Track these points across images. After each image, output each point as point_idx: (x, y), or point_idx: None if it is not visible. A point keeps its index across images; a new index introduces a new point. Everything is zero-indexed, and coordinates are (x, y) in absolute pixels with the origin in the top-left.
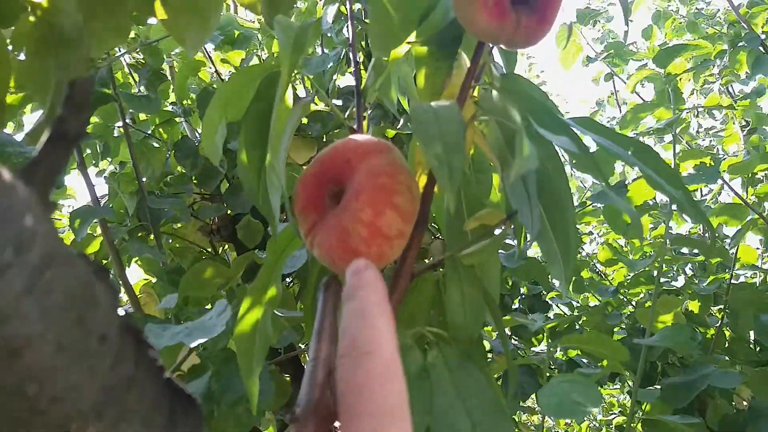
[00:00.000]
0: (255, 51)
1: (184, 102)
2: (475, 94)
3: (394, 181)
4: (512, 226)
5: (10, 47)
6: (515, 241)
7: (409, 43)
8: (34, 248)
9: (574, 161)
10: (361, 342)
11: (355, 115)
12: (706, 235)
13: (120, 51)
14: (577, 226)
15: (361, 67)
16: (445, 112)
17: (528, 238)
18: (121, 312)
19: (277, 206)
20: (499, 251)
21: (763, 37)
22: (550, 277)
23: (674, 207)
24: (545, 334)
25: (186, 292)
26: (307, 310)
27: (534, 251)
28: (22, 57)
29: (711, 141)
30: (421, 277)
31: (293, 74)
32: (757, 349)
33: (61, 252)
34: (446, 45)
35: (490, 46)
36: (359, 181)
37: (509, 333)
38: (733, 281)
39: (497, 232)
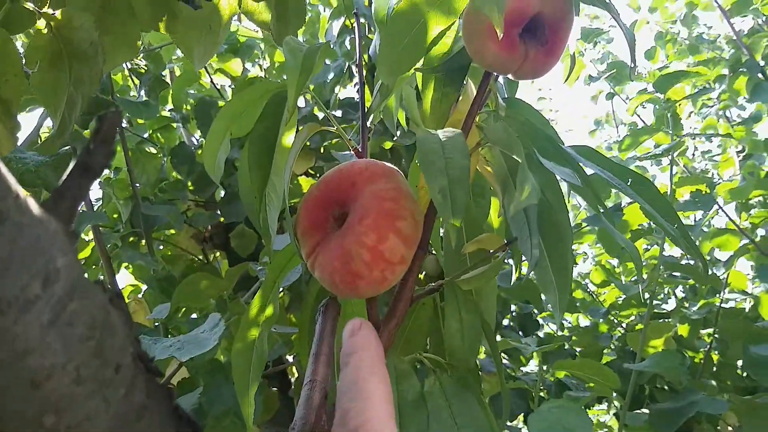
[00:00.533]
0: (257, 60)
1: (183, 107)
2: (478, 119)
3: (398, 206)
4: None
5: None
6: (512, 261)
7: (417, 69)
8: (60, 280)
9: (572, 188)
10: (351, 416)
11: (360, 136)
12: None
13: None
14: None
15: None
16: (451, 144)
17: (525, 263)
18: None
19: (275, 224)
20: None
21: (762, 63)
22: (542, 297)
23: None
24: (538, 355)
25: (179, 302)
26: (303, 328)
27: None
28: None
29: (707, 164)
30: (419, 302)
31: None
32: (744, 374)
33: (83, 282)
34: (454, 72)
35: (497, 74)
36: (364, 204)
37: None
38: (723, 305)
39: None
